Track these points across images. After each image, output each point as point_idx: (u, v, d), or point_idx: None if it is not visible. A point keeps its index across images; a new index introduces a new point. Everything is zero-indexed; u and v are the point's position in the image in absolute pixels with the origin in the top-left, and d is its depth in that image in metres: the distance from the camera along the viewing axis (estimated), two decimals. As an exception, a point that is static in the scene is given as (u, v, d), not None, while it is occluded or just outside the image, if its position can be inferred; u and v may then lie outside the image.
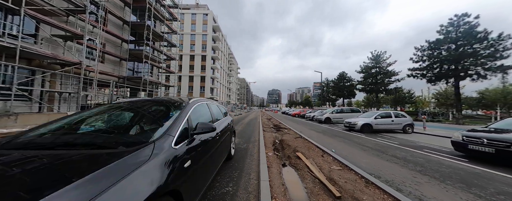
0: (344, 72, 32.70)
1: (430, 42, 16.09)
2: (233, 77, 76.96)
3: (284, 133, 8.17)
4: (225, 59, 63.82)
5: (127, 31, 18.68)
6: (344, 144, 6.32)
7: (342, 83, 32.33)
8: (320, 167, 3.48)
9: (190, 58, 47.01)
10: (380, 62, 24.10)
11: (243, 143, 5.82)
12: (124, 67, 18.55)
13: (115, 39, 17.70)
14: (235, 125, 13.07)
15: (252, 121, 16.68)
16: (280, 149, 5.17)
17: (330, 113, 15.85)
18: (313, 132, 9.61)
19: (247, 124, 13.10)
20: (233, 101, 71.12)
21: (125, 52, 18.44)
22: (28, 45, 9.62)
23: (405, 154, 5.01)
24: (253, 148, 5.12)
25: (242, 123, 14.20)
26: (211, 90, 48.62)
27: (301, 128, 11.00)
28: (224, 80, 62.58)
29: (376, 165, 3.91)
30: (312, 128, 11.74)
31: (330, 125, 14.10)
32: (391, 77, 23.21)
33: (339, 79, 33.11)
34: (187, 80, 46.54)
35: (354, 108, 16.83)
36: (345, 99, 33.63)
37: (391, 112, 10.31)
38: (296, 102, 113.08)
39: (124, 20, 18.19)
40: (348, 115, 15.82)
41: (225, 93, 64.39)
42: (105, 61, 16.92)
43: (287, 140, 6.11)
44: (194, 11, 49.23)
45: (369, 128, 9.80)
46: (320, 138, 7.43)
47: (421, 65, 16.75)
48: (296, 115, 26.46)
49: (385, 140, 7.44)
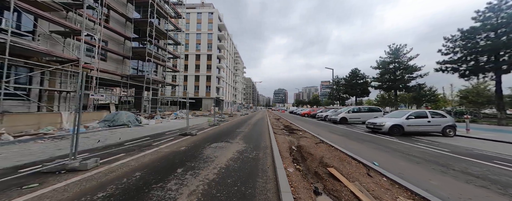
0: (356, 69, 30.54)
1: (463, 31, 14.03)
2: (239, 76, 76.15)
3: (300, 137, 6.87)
4: (231, 58, 63.06)
5: (130, 29, 18.11)
6: (382, 152, 4.94)
7: (354, 81, 30.21)
8: (378, 197, 2.20)
9: (196, 58, 46.63)
10: (400, 57, 21.91)
11: (251, 150, 4.63)
12: (127, 66, 18.02)
13: (118, 37, 17.15)
14: (240, 126, 12.11)
15: (259, 121, 15.47)
16: (301, 160, 3.91)
17: (346, 112, 14.28)
18: (333, 135, 8.22)
19: (255, 124, 11.93)
20: (239, 100, 70.35)
21: (129, 50, 17.88)
22: (19, 40, 9.06)
23: (480, 170, 3.58)
24: (265, 158, 3.91)
25: (249, 123, 13.05)
26: (217, 90, 47.96)
27: (317, 130, 9.63)
28: (230, 79, 61.86)
29: (459, 191, 2.56)
30: (329, 129, 10.31)
31: (347, 126, 12.58)
32: (412, 73, 20.98)
33: (351, 76, 30.99)
34: (193, 80, 46.19)
35: (373, 107, 15.12)
36: (359, 98, 31.44)
37: (426, 110, 8.68)
38: (303, 101, 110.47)
39: (127, 17, 17.60)
40: (367, 114, 14.17)
41: (231, 93, 63.67)
42: (107, 60, 16.39)
43: (306, 147, 4.83)
44: (200, 10, 48.80)
45: (399, 129, 8.26)
46: (345, 143, 6.07)
47: (452, 58, 14.70)
48: (306, 114, 24.93)
49: (428, 146, 5.95)
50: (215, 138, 6.72)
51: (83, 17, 11.55)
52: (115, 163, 3.53)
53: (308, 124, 13.39)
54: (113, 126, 8.91)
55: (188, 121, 7.63)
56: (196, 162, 3.64)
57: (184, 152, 4.46)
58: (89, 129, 8.32)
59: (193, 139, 6.48)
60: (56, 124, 8.68)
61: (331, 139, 6.48)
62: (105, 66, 15.37)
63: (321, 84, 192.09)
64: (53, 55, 10.41)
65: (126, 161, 3.68)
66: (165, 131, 8.49)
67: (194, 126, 11.00)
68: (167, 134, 7.60)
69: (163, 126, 10.32)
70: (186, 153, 4.37)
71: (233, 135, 7.41)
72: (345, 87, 32.31)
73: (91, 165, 3.31)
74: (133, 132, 7.88)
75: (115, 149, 4.74)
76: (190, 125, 11.13)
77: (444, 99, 30.38)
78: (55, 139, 6.20)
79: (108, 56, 16.29)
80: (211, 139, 6.37)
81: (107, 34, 15.69)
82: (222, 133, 8.02)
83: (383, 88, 23.91)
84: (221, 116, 20.47)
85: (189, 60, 46.66)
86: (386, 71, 22.84)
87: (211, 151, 4.54)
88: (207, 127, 10.37)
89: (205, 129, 9.36)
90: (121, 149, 4.82)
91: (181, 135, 7.19)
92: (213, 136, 7.07)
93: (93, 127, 8.54)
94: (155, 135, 7.20)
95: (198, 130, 8.79)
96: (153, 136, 6.99)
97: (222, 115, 23.60)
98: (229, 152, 4.49)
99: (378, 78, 23.84)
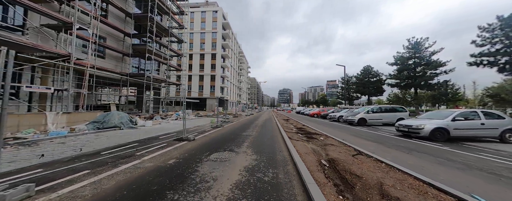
0: (369, 66, 28.43)
1: (503, 19, 12.07)
2: (244, 76, 75.00)
3: (324, 144, 5.44)
4: (235, 58, 62.04)
5: (131, 25, 17.22)
6: (453, 170, 3.45)
7: (367, 79, 28.16)
8: None
9: (200, 57, 45.87)
10: (420, 51, 19.78)
11: (265, 167, 3.28)
12: (128, 64, 17.15)
13: (117, 33, 16.27)
14: (246, 128, 10.65)
15: (266, 122, 14.08)
16: (345, 187, 2.53)
17: (365, 113, 12.64)
18: (363, 140, 6.72)
19: (263, 126, 10.57)
20: (243, 100, 69.18)
21: (129, 47, 17.01)
22: (5, 33, 8.19)
23: None
24: (290, 184, 2.56)
25: (256, 124, 11.70)
26: (221, 90, 46.98)
27: (338, 134, 8.14)
28: (235, 79, 60.84)
29: None
30: (352, 133, 8.79)
31: (368, 128, 10.99)
32: (435, 69, 18.83)
33: (363, 74, 28.91)
34: (198, 80, 45.43)
35: (397, 106, 13.35)
36: (372, 96, 29.27)
37: (478, 110, 7.01)
38: (310, 101, 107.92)
39: (126, 12, 16.71)
40: (389, 115, 12.50)
41: (236, 92, 62.64)
42: (106, 57, 15.55)
43: (342, 161, 3.42)
44: (204, 9, 48.04)
45: (443, 134, 6.66)
46: (391, 154, 4.60)
47: (488, 50, 12.75)
48: (315, 114, 23.30)
49: (500, 158, 4.39)
50: (216, 144, 5.42)
51: (75, 9, 10.65)
52: (57, 192, 2.28)
53: (323, 126, 11.88)
54: (103, 128, 7.83)
55: (185, 122, 6.38)
56: (183, 192, 2.34)
57: (171, 169, 3.18)
58: (75, 132, 7.26)
59: (189, 145, 5.21)
60: (39, 126, 7.69)
61: (368, 148, 5.01)
62: (103, 63, 14.49)
63: (327, 84, 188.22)
64: (42, 50, 9.52)
65: (78, 188, 2.42)
66: (160, 134, 7.30)
67: (195, 128, 9.78)
68: (161, 138, 6.39)
69: (160, 128, 9.16)
70: (173, 171, 3.09)
71: (239, 140, 6.08)
72: (356, 86, 30.28)
73: (15, 198, 2.07)
74: (123, 136, 6.73)
75: (82, 163, 3.52)
76: (191, 126, 9.96)
77: (468, 99, 27.81)
78: (22, 145, 5.09)
79: (107, 53, 15.43)
80: (211, 147, 5.07)
81: (105, 30, 14.82)
82: (225, 137, 6.72)
83: (401, 87, 21.85)
84: (225, 117, 19.27)
85: (193, 60, 46.00)
86: (405, 67, 20.75)
87: (209, 168, 3.23)
88: (209, 129, 9.12)
89: (206, 131, 8.11)
90: (90, 162, 3.60)
91: (176, 139, 5.96)
92: (214, 142, 5.78)
93: (80, 130, 7.48)
94: (145, 140, 5.99)
95: (198, 133, 7.55)
96: (142, 141, 5.78)
97: (227, 115, 22.45)
98: (234, 170, 3.16)
99: (396, 75, 21.73)
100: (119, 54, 16.30)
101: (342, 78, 33.36)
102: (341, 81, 36.66)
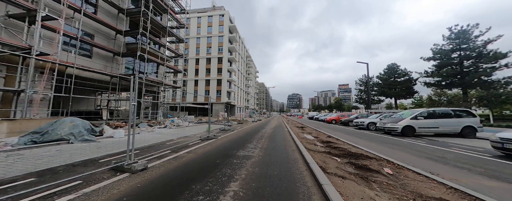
0: (394, 65, 24.38)
1: None
2: (252, 81, 72.86)
3: (403, 183, 2.44)
4: (243, 62, 60.40)
5: (125, 22, 15.63)
6: None
7: (392, 79, 24.12)
8: None
9: (206, 61, 44.65)
10: (468, 42, 15.71)
11: None
12: (120, 64, 15.42)
13: (108, 30, 14.68)
14: (248, 141, 6.55)
15: (277, 130, 11.09)
16: None
17: (411, 119, 9.21)
18: (459, 170, 3.57)
19: (271, 137, 7.65)
20: (251, 105, 66.43)
21: (121, 46, 15.36)
22: None
23: None
24: None
25: (262, 134, 8.79)
26: (228, 94, 44.88)
27: (399, 155, 5.01)
28: (242, 83, 58.81)
29: None
30: (422, 153, 5.55)
31: (423, 140, 7.63)
32: (495, 61, 14.53)
33: (388, 73, 24.88)
34: (204, 84, 43.93)
35: (460, 109, 9.65)
36: (400, 99, 24.78)
37: None
38: (322, 106, 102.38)
39: (119, 8, 15.23)
40: (450, 121, 8.96)
41: (243, 97, 60.32)
42: (93, 56, 13.90)
43: None
44: (211, 13, 47.50)
45: None
46: None
47: None
48: (333, 120, 19.82)
49: None
50: (181, 182, 2.67)
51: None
52: None
53: (355, 137, 8.66)
54: (41, 142, 5.47)
55: (132, 140, 3.73)
56: None
57: None
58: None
59: (121, 186, 2.52)
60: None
61: (483, 188, 1.96)
62: (90, 63, 12.76)
63: (339, 88, 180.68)
64: (0, 43, 7.75)
65: None
66: (111, 153, 4.73)
67: (178, 140, 7.13)
68: (99, 163, 3.79)
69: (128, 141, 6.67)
70: None
71: (226, 170, 3.29)
72: (379, 87, 26.23)
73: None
74: (55, 156, 4.26)
75: None
76: (174, 138, 7.28)
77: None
78: None
79: (95, 52, 13.73)
80: (166, 191, 2.33)
81: (93, 26, 13.20)
82: (205, 162, 3.94)
83: (441, 86, 17.71)
84: (228, 123, 16.60)
85: (199, 64, 44.92)
86: (447, 62, 16.71)
87: None
88: (196, 142, 6.43)
89: (185, 148, 5.41)
90: None
91: (113, 169, 3.30)
92: (180, 175, 3.04)
93: (6, 144, 5.20)
94: (63, 169, 3.41)
95: (171, 151, 4.87)
96: (54, 172, 3.20)
97: (230, 121, 19.81)
98: None
99: (435, 72, 17.49)
100: (109, 53, 14.54)
101: (360, 80, 29.50)
102: (359, 83, 32.84)
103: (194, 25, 47.15)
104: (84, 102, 17.48)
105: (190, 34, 46.72)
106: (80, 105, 16.79)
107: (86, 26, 12.71)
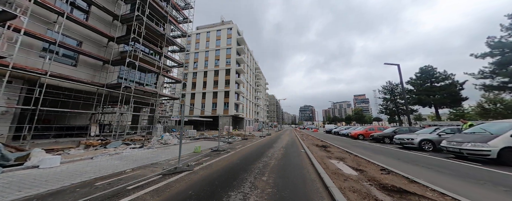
0: (430, 67, 20.28)
1: None
2: (261, 92, 70.69)
3: None
4: (252, 74, 59.17)
5: (118, 28, 14.65)
6: None
7: (428, 84, 19.89)
8: None
9: (214, 74, 43.93)
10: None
11: None
12: (109, 73, 14.03)
13: (100, 37, 13.67)
14: (243, 175, 3.33)
15: (290, 153, 7.95)
16: None
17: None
18: None
19: (280, 171, 4.67)
20: (261, 118, 63.03)
21: (113, 53, 14.14)
22: None
23: None
24: None
25: (266, 164, 5.78)
26: (236, 107, 42.64)
27: None
28: (251, 95, 56.70)
29: None
30: None
31: None
32: None
33: (422, 78, 20.61)
34: (211, 97, 42.53)
35: None
36: (442, 107, 19.87)
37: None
38: (338, 118, 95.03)
39: (114, 15, 14.40)
40: None
41: (252, 110, 57.65)
42: (79, 65, 12.62)
43: None
44: (219, 28, 48.36)
45: None
46: None
47: None
48: (361, 135, 15.97)
49: None
50: None
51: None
52: None
53: (432, 172, 5.31)
54: None
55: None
56: None
57: None
58: None
59: None
60: None
61: None
62: (73, 72, 11.34)
63: (355, 99, 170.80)
64: None
65: None
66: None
67: (132, 174, 4.46)
68: None
69: (60, 173, 4.18)
70: None
71: None
72: (411, 94, 21.86)
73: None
74: None
75: None
76: (143, 164, 4.48)
77: None
78: None
79: (82, 60, 12.45)
80: None
81: (82, 33, 12.08)
82: None
83: (501, 88, 13.31)
84: (229, 139, 13.75)
85: (207, 77, 44.30)
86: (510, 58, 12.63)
87: None
88: (154, 177, 3.75)
89: (118, 197, 2.73)
90: None
91: None
92: None
93: None
94: None
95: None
96: None
97: (233, 136, 16.97)
98: None
99: (502, 72, 12.93)
100: (99, 61, 13.18)
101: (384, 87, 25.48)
102: (384, 91, 28.66)
103: (203, 39, 47.97)
104: (83, 116, 15.84)
105: (200, 48, 47.33)
106: (76, 119, 15.01)
107: (73, 32, 11.60)
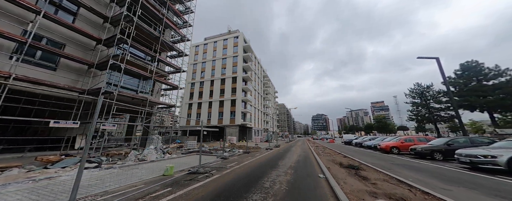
0: (475, 62, 16.17)
1: None
2: (270, 101, 67.91)
3: None
4: (260, 82, 57.36)
5: (106, 30, 13.67)
6: None
7: (476, 83, 15.76)
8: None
9: (221, 82, 42.83)
10: None
11: None
12: (98, 78, 12.77)
13: (87, 40, 12.69)
14: None
15: (301, 175, 5.19)
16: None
17: None
18: None
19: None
20: (271, 127, 59.55)
21: (99, 56, 12.99)
22: None
23: None
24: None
25: None
26: (243, 116, 40.25)
27: None
28: (259, 104, 54.24)
29: None
30: None
31: None
32: None
33: (466, 76, 16.24)
34: (218, 106, 40.91)
35: None
36: (497, 112, 15.15)
37: None
38: (356, 127, 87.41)
39: (105, 17, 13.55)
40: None
41: (261, 119, 54.68)
42: (59, 69, 11.47)
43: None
44: (226, 37, 48.45)
45: None
46: None
47: None
48: (394, 148, 12.44)
49: None
50: None
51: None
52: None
53: None
54: None
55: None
56: None
57: None
58: None
59: None
60: None
61: None
62: (51, 77, 10.09)
63: (372, 106, 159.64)
64: None
65: None
66: None
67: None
68: None
69: None
70: None
71: None
72: (457, 96, 17.47)
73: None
74: None
75: None
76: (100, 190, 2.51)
77: None
78: None
79: (63, 63, 11.29)
80: None
81: (65, 34, 11.09)
82: None
83: None
84: (226, 152, 11.15)
85: (214, 85, 43.27)
86: None
87: None
88: None
89: None
90: None
91: None
92: None
93: None
94: None
95: None
96: None
97: (233, 149, 14.31)
98: None
99: None
100: (84, 65, 11.94)
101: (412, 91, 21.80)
102: (412, 95, 24.73)
103: (210, 49, 48.08)
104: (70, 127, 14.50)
105: (207, 58, 47.29)
106: (61, 131, 13.54)
107: (54, 34, 10.56)
